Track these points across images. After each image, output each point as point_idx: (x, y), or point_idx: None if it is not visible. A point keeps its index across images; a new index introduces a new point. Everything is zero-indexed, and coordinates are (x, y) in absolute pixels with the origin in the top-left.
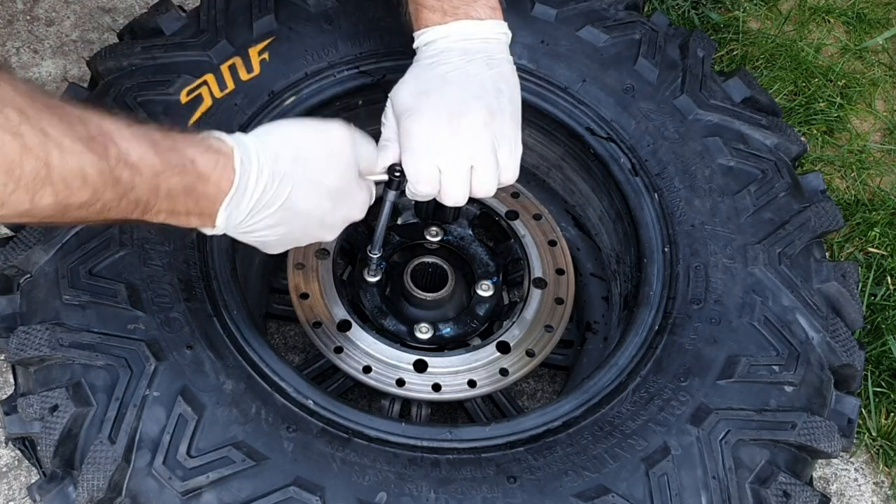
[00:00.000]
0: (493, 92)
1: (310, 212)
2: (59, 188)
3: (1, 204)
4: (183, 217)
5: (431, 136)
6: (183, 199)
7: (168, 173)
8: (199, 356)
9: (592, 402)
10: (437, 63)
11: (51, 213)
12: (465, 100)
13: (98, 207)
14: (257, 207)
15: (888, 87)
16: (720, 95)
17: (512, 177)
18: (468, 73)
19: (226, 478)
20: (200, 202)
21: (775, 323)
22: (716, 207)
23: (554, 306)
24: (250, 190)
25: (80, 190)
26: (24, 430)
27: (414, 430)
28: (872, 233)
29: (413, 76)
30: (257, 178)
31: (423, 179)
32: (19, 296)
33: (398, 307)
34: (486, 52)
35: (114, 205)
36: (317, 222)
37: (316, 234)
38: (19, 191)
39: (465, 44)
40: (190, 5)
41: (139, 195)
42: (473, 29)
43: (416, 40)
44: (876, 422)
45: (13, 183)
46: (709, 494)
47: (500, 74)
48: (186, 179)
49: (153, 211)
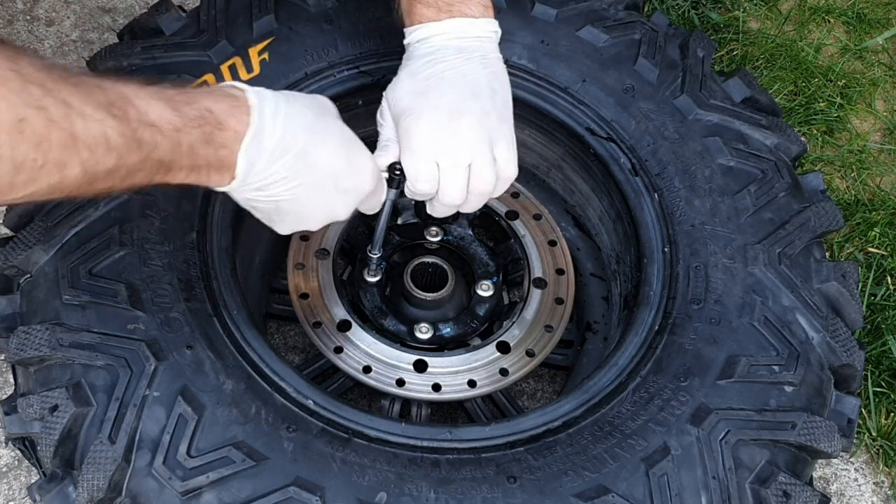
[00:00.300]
0: (488, 92)
1: (324, 165)
2: (85, 157)
3: (31, 180)
4: (203, 171)
5: (431, 136)
6: (203, 151)
7: (188, 127)
8: (199, 356)
9: (592, 402)
10: (433, 61)
11: (78, 185)
12: (463, 99)
13: (123, 173)
14: (276, 152)
15: (888, 87)
16: (720, 95)
17: (512, 173)
18: (464, 72)
19: (226, 478)
20: (220, 151)
21: (775, 323)
22: (716, 207)
23: (554, 306)
24: (268, 131)
25: (105, 157)
26: (24, 430)
27: (414, 430)
28: (872, 233)
29: (409, 74)
30: (273, 119)
31: (422, 178)
32: (19, 296)
33: (398, 307)
34: (480, 50)
35: (138, 168)
36: (332, 182)
37: (330, 199)
38: (48, 165)
39: (459, 42)
40: (190, 5)
41: (162, 154)
42: (468, 27)
43: (408, 36)
44: (876, 422)
45: (42, 157)
46: (709, 494)
47: (494, 74)
48: (205, 129)
49: (175, 169)
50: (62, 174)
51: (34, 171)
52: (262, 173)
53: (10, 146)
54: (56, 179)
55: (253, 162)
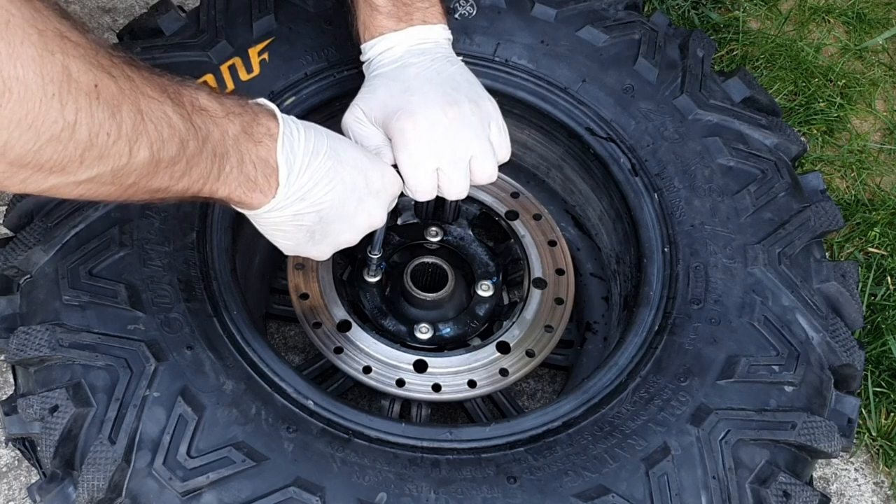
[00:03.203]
0: (465, 83)
1: (354, 164)
2: (153, 138)
3: (101, 157)
4: (250, 169)
5: (428, 136)
6: (246, 144)
7: (230, 115)
8: (199, 357)
9: (592, 402)
10: (404, 65)
11: (141, 173)
12: (448, 92)
13: (183, 165)
14: (307, 153)
15: (888, 87)
16: (720, 95)
17: (507, 154)
18: (437, 70)
19: (226, 478)
20: (259, 148)
21: (775, 323)
22: (716, 207)
23: (554, 306)
24: (295, 134)
25: (169, 140)
26: (24, 430)
27: (414, 431)
28: (872, 233)
29: (383, 82)
30: (295, 123)
31: (421, 188)
32: (19, 296)
33: (398, 307)
34: (442, 52)
35: (196, 160)
36: (363, 182)
37: (366, 202)
38: (121, 140)
39: (422, 46)
40: (190, 5)
41: (215, 144)
42: (427, 33)
43: (368, 51)
44: (876, 422)
45: (115, 129)
46: (709, 494)
47: (462, 68)
48: (245, 118)
49: (226, 169)
50: (130, 154)
51: (106, 146)
52: (302, 177)
53: (89, 111)
54: (123, 161)
55: (291, 163)
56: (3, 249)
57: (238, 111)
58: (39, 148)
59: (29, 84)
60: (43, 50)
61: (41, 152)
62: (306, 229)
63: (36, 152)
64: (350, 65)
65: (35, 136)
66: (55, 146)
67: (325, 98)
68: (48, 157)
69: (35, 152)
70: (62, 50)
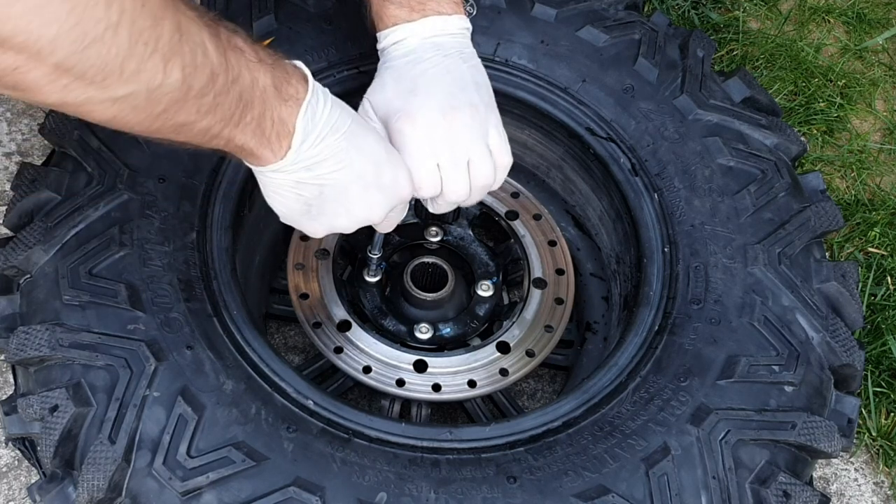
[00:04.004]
0: (472, 85)
1: (369, 152)
2: (186, 60)
3: (137, 71)
4: (267, 127)
5: (427, 137)
6: (272, 100)
7: (264, 65)
8: (199, 356)
9: (592, 402)
10: (414, 61)
11: (171, 98)
12: (452, 94)
13: (210, 99)
14: (327, 127)
15: (888, 87)
16: (720, 95)
17: (508, 160)
18: (448, 68)
19: (226, 478)
20: (282, 109)
21: (775, 323)
22: (716, 207)
23: (554, 306)
24: (321, 105)
25: (202, 67)
26: (24, 430)
27: (414, 431)
28: (872, 233)
29: (393, 77)
30: (324, 95)
31: (424, 184)
32: (19, 296)
33: (398, 307)
34: (456, 46)
35: (222, 98)
36: (373, 172)
37: (369, 194)
38: (156, 55)
39: (436, 39)
40: None
41: (243, 88)
42: (442, 24)
43: (382, 40)
44: (876, 422)
45: (154, 42)
46: (709, 494)
47: (475, 67)
48: (276, 74)
49: (247, 118)
50: (164, 73)
51: (144, 58)
52: (314, 148)
53: (132, 17)
54: (158, 80)
55: (308, 132)
56: (3, 249)
57: (271, 63)
58: (84, 49)
59: None
60: None
61: (85, 55)
62: (304, 200)
63: (80, 54)
64: (350, 65)
65: (81, 35)
66: (98, 48)
67: None
68: (91, 63)
69: (80, 54)
70: None
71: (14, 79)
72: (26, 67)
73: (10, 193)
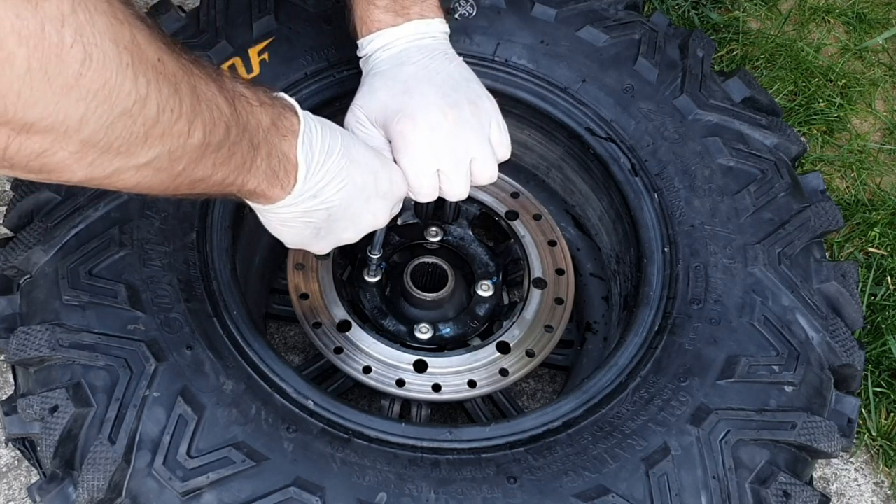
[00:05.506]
0: (463, 82)
1: (365, 164)
2: (206, 119)
3: (163, 135)
4: (275, 163)
5: (429, 140)
6: (273, 137)
7: (263, 105)
8: (198, 357)
9: (592, 402)
10: (403, 63)
11: (192, 156)
12: (447, 93)
13: (225, 151)
14: (323, 152)
15: (888, 87)
16: (720, 95)
17: (507, 152)
18: (436, 69)
19: (226, 478)
20: (283, 143)
21: (775, 323)
22: (716, 207)
23: (554, 306)
24: (314, 131)
25: (218, 123)
26: (24, 430)
27: (414, 431)
28: (872, 233)
29: (382, 81)
30: (313, 120)
31: (423, 190)
32: (19, 296)
33: (398, 307)
34: (440, 48)
35: (236, 148)
36: (372, 182)
37: (372, 203)
38: (182, 119)
39: (420, 42)
40: (190, 5)
41: (252, 133)
42: (424, 27)
43: (366, 46)
44: (876, 422)
45: (178, 106)
46: (709, 494)
47: (461, 65)
48: (274, 111)
49: (257, 161)
50: (188, 134)
51: (169, 123)
52: (317, 175)
53: (157, 85)
54: (180, 142)
55: (309, 161)
56: (3, 249)
57: (268, 102)
58: (112, 123)
59: (106, 51)
60: (112, 18)
61: (112, 128)
62: (313, 226)
63: (108, 128)
64: (350, 65)
65: (109, 110)
66: (125, 121)
67: (325, 98)
68: (117, 135)
69: (107, 128)
70: (128, 21)
71: (40, 162)
72: (53, 150)
73: (10, 193)
